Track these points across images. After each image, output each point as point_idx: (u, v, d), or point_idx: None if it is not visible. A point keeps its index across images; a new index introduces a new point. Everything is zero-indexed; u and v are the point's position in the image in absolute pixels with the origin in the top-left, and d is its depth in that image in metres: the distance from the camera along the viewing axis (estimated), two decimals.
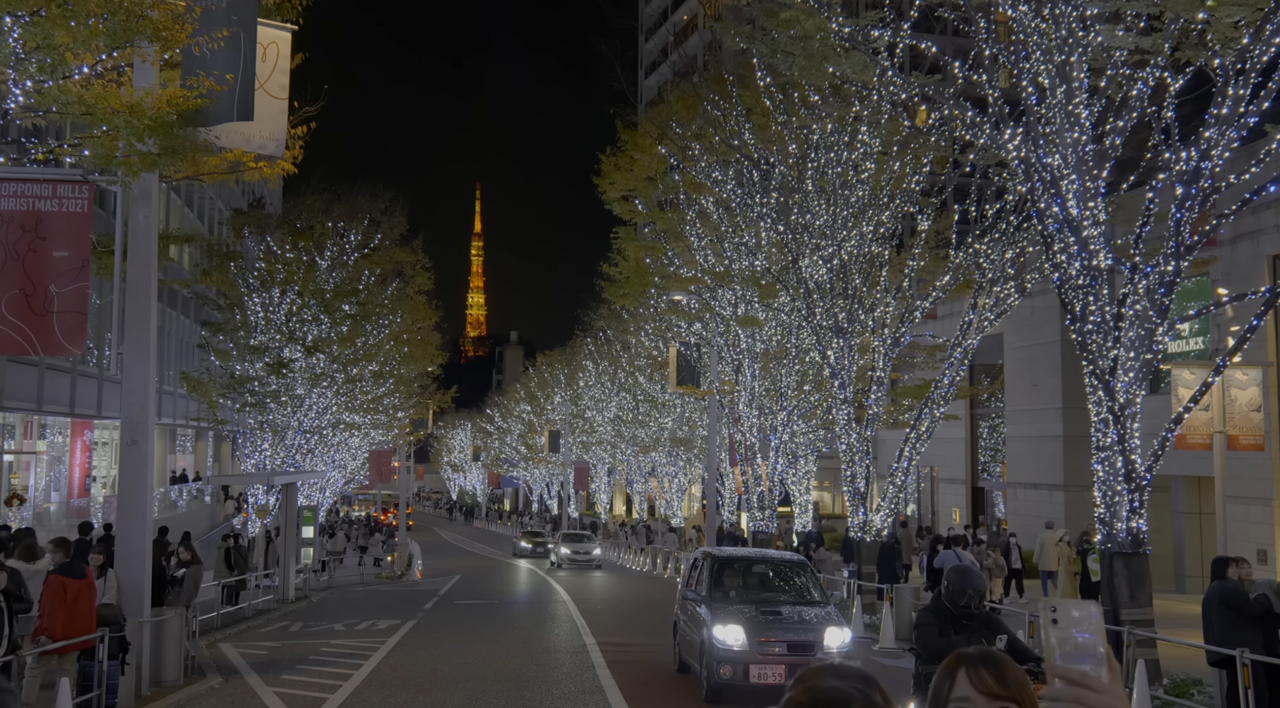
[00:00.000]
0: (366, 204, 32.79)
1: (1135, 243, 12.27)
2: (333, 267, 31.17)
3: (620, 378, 47.70)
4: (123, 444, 12.53)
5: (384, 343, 34.27)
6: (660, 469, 48.18)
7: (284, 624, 19.87)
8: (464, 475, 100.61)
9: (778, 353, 28.43)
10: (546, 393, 62.77)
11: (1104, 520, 12.36)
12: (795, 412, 28.50)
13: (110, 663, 10.77)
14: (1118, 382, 12.12)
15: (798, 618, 11.85)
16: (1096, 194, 12.64)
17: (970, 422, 34.40)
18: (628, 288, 30.42)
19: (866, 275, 21.90)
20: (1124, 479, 12.13)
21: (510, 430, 74.08)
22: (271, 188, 41.82)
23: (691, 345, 30.85)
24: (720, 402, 30.27)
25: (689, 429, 42.30)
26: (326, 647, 16.30)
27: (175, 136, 11.51)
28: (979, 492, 34.60)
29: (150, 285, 12.47)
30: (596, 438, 53.79)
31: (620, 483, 62.55)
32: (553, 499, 69.29)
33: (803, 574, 13.24)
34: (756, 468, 29.22)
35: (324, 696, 11.94)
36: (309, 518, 28.45)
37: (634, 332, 41.44)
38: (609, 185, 28.58)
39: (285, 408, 31.10)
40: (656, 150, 25.99)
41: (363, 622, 19.88)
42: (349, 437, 37.50)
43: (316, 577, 29.25)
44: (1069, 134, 12.61)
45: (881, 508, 21.81)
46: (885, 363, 21.85)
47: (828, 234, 21.67)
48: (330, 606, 24.07)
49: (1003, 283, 20.61)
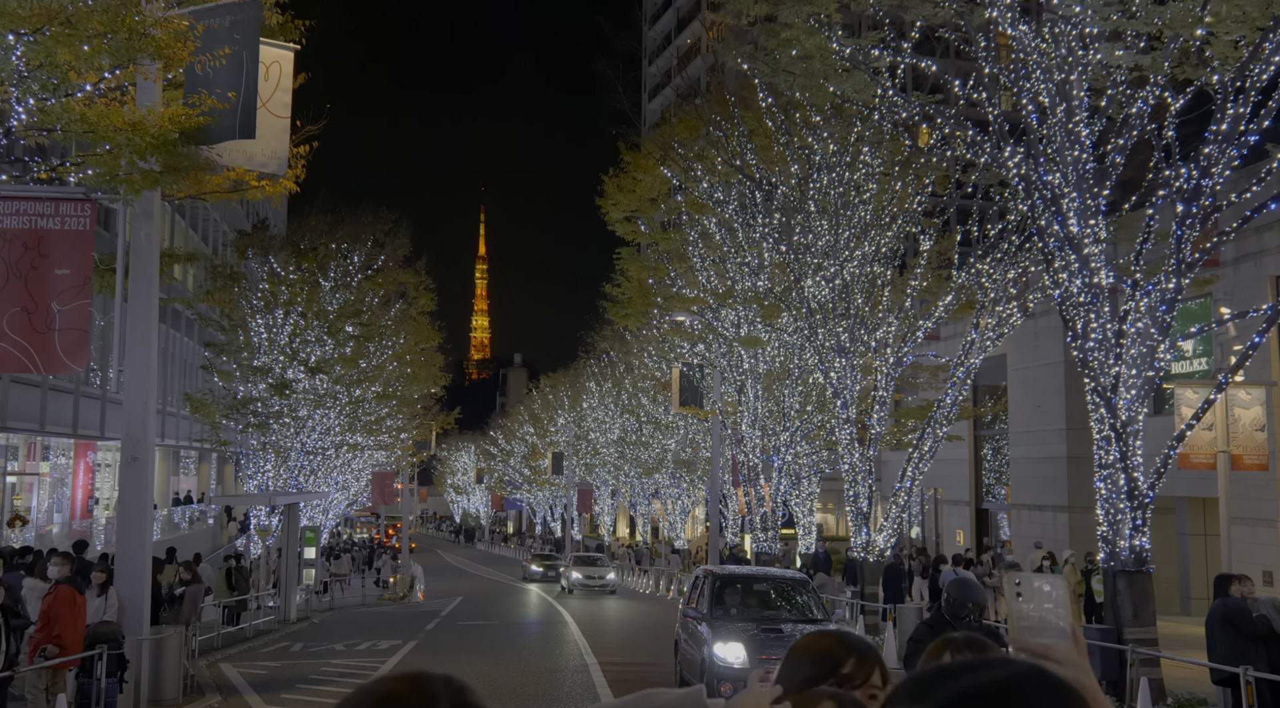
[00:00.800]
0: (370, 226, 32.93)
1: (1136, 260, 12.28)
2: (336, 288, 31.26)
3: (624, 399, 47.66)
4: (123, 461, 12.52)
5: (387, 364, 34.31)
6: (663, 491, 48.06)
7: (285, 644, 19.79)
8: (467, 498, 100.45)
9: (780, 374, 28.41)
10: (550, 415, 62.74)
11: (1107, 539, 12.30)
12: (798, 432, 28.44)
13: (109, 681, 10.72)
14: (1119, 399, 12.09)
15: (799, 636, 11.78)
16: (1097, 212, 12.65)
17: (974, 443, 34.31)
18: (630, 308, 30.45)
19: (869, 296, 21.91)
20: (1127, 497, 12.07)
21: (513, 452, 74.01)
22: (274, 207, 41.97)
23: (694, 366, 30.83)
24: (723, 422, 30.21)
25: (692, 451, 42.22)
26: (327, 667, 16.22)
27: (177, 154, 11.57)
28: (983, 513, 34.45)
29: (152, 303, 12.50)
30: (600, 460, 53.70)
31: (624, 505, 62.38)
32: (556, 521, 69.11)
33: (804, 592, 13.18)
34: (759, 489, 29.14)
35: None
36: (311, 539, 28.39)
37: (637, 353, 41.43)
38: (611, 206, 28.67)
39: (288, 429, 31.12)
40: (659, 171, 26.08)
41: (364, 642, 19.80)
42: (352, 458, 37.50)
43: (319, 598, 29.14)
44: (1070, 152, 12.64)
45: (884, 528, 21.72)
46: (888, 383, 21.82)
47: (830, 254, 21.69)
48: (332, 626, 23.97)
49: (1005, 303, 20.61)
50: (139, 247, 12.35)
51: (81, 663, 10.67)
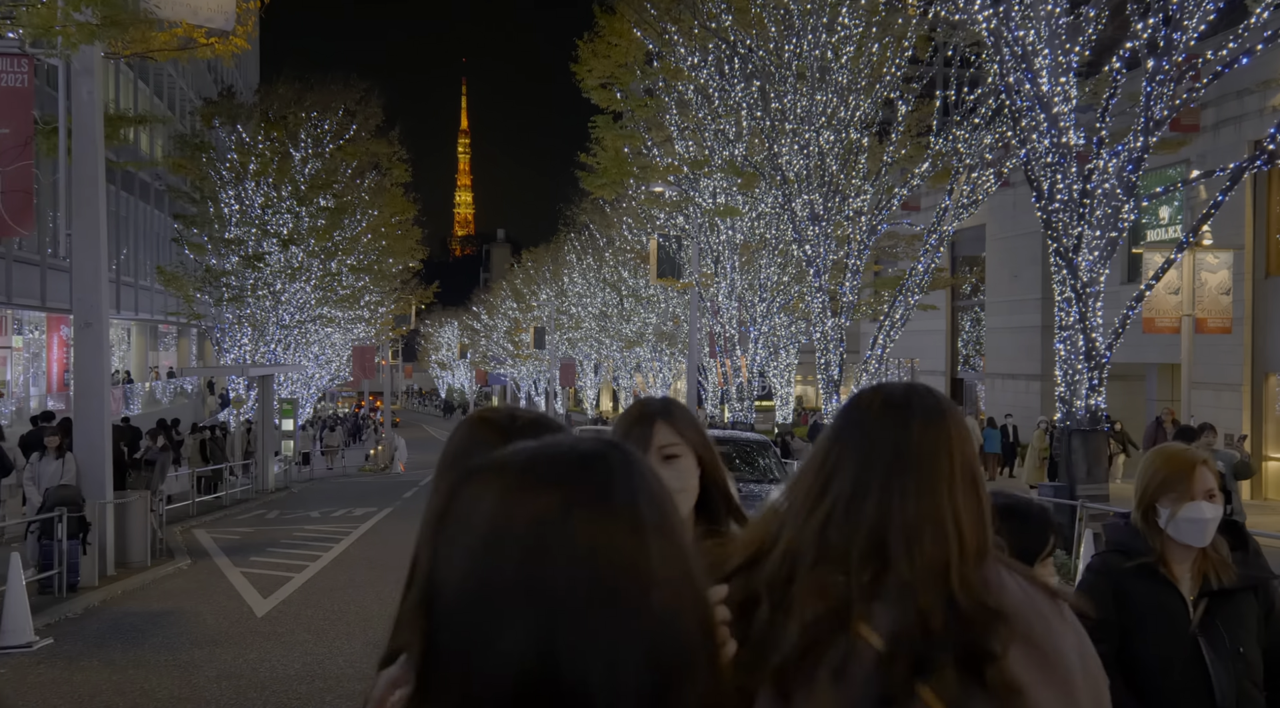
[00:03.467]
0: (341, 94, 32.15)
1: (1101, 117, 12.02)
2: (307, 159, 30.67)
3: (605, 274, 47.46)
4: (76, 327, 12.41)
5: (361, 235, 33.93)
6: (645, 364, 48.34)
7: (261, 512, 20.08)
8: (452, 373, 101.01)
9: (758, 245, 28.22)
10: (531, 289, 62.60)
11: (1064, 399, 12.39)
12: (775, 303, 28.42)
13: (70, 542, 10.83)
14: (1081, 260, 12.01)
15: (753, 495, 11.93)
16: (1068, 69, 12.33)
17: (951, 314, 34.42)
18: (605, 177, 30.00)
19: (844, 163, 21.58)
20: (1084, 358, 12.12)
21: (496, 328, 74.12)
22: (227, 66, 40.69)
23: (671, 238, 30.57)
24: (701, 294, 30.15)
25: (673, 324, 42.27)
26: (300, 532, 16.47)
27: (115, 5, 11.10)
28: (958, 383, 34.80)
29: (97, 164, 12.17)
30: (581, 334, 53.82)
31: (607, 379, 62.86)
32: (540, 396, 69.71)
33: (766, 454, 13.32)
34: (736, 360, 29.28)
35: (289, 575, 12.08)
36: (288, 411, 28.52)
37: (616, 225, 41.07)
38: (587, 72, 27.94)
39: (264, 303, 30.94)
40: (634, 35, 25.31)
41: (339, 510, 20.09)
42: (330, 332, 37.45)
43: (298, 469, 29.48)
44: (1043, 7, 12.24)
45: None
46: (860, 251, 21.68)
47: (806, 121, 21.26)
48: (310, 495, 24.30)
49: (981, 169, 20.34)
50: (81, 104, 11.95)
51: (42, 525, 10.76)
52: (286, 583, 11.60)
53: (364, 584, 11.50)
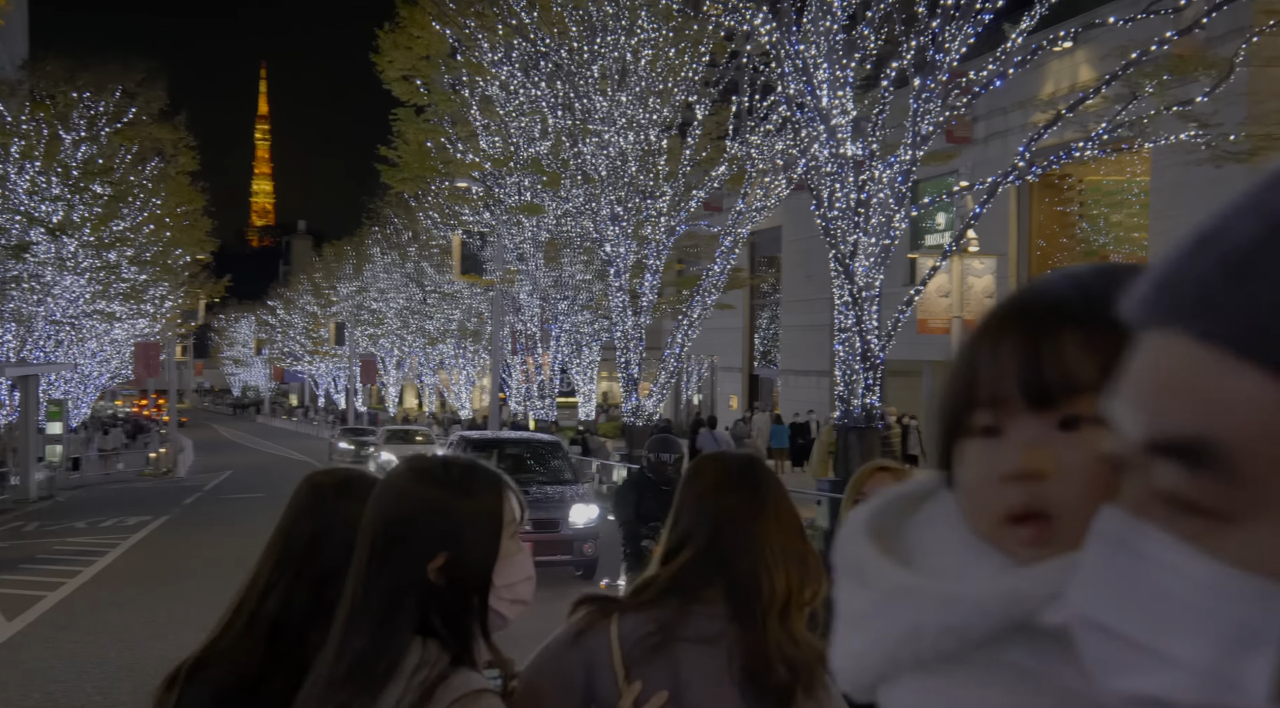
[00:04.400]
0: (119, 75, 30.27)
1: (872, 131, 12.67)
2: (79, 142, 28.70)
3: (408, 269, 46.49)
4: None
5: (143, 226, 32.03)
6: (449, 361, 47.69)
7: (18, 525, 18.62)
8: (247, 370, 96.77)
9: (561, 243, 28.28)
10: (332, 284, 60.68)
11: (843, 398, 13.00)
12: (578, 301, 28.57)
13: None
14: (858, 266, 12.62)
15: (546, 497, 11.97)
16: (845, 84, 12.93)
17: (749, 312, 35.53)
18: (407, 172, 29.42)
19: (644, 165, 21.90)
20: (860, 359, 12.75)
21: (294, 324, 71.45)
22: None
23: (475, 234, 30.25)
24: (504, 291, 29.96)
25: (478, 321, 41.85)
26: (61, 545, 15.36)
27: None
28: (755, 379, 35.96)
29: None
30: (384, 330, 52.58)
31: (410, 377, 61.64)
32: (339, 393, 67.69)
33: (557, 456, 13.39)
34: (538, 358, 29.28)
35: (43, 594, 11.24)
36: (55, 413, 26.60)
37: (420, 220, 40.32)
38: (387, 63, 27.34)
39: (30, 296, 28.74)
40: (434, 28, 24.88)
41: (109, 519, 18.85)
42: (109, 328, 35.21)
43: (67, 475, 27.53)
44: (822, 23, 12.78)
45: (653, 393, 22.29)
46: (659, 251, 22.08)
47: (607, 122, 21.45)
48: (78, 504, 22.71)
49: (773, 174, 21.06)
50: None
51: None
52: (38, 603, 10.78)
53: (129, 602, 10.80)
